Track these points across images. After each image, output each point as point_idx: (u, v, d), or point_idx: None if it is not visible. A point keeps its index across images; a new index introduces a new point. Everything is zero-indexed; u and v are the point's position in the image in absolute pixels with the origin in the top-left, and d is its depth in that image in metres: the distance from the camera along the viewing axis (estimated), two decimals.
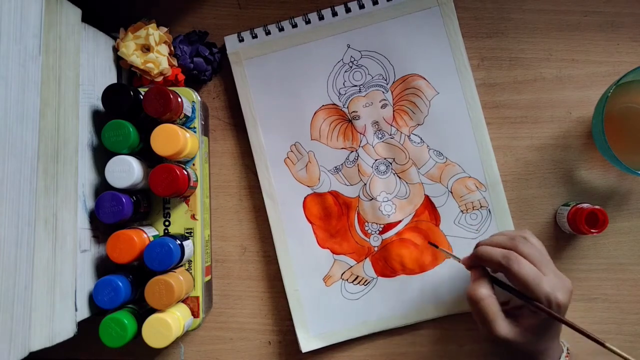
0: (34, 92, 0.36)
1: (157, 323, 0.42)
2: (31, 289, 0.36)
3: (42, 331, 0.37)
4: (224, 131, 0.55)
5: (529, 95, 0.54)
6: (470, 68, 0.53)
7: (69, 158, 0.41)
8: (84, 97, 0.44)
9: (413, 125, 0.53)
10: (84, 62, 0.44)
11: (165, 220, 0.47)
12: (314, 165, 0.53)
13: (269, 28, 0.53)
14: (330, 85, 0.53)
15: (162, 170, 0.44)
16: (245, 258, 0.54)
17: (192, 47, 0.52)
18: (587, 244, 0.53)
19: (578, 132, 0.53)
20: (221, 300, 0.53)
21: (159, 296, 0.43)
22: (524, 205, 0.53)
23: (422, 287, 0.52)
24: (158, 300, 0.43)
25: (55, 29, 0.39)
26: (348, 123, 0.53)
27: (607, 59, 0.54)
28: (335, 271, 0.52)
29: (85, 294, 0.43)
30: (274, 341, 0.53)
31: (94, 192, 0.45)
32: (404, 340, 0.53)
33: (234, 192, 0.54)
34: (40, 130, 0.37)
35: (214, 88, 0.55)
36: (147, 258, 0.43)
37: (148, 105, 0.44)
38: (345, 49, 0.53)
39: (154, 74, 0.49)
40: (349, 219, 0.53)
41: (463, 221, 0.52)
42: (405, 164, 0.53)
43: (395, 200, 0.53)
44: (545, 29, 0.54)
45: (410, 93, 0.53)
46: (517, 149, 0.53)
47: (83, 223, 0.43)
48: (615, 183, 0.53)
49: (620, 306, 0.52)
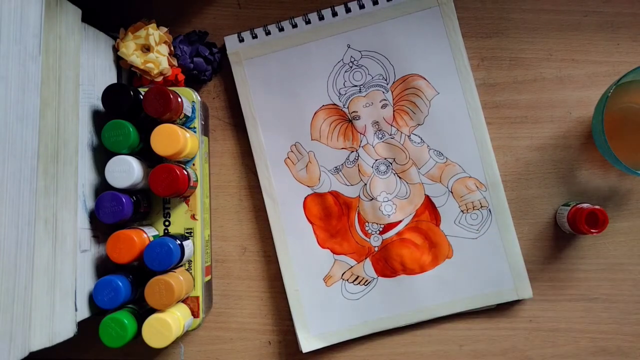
0: (34, 92, 0.36)
1: (157, 323, 0.42)
2: (31, 289, 0.36)
3: (42, 331, 0.37)
4: (224, 131, 0.55)
5: (529, 95, 0.54)
6: (470, 68, 0.53)
7: (69, 158, 0.41)
8: (84, 97, 0.44)
9: (413, 125, 0.53)
10: (84, 62, 0.44)
11: (165, 220, 0.47)
12: (314, 166, 0.53)
13: (269, 28, 0.53)
14: (330, 85, 0.53)
15: (162, 170, 0.44)
16: (245, 258, 0.54)
17: (192, 47, 0.53)
18: (587, 244, 0.53)
19: (578, 132, 0.53)
20: (221, 300, 0.53)
21: (159, 296, 0.43)
22: (524, 205, 0.53)
23: (423, 287, 0.52)
24: (158, 300, 0.43)
25: (55, 29, 0.39)
26: (348, 123, 0.53)
27: (607, 59, 0.54)
28: (336, 271, 0.52)
29: (85, 294, 0.43)
30: (274, 341, 0.53)
31: (94, 192, 0.45)
32: (404, 340, 0.53)
33: (234, 192, 0.54)
34: (40, 130, 0.37)
35: (214, 88, 0.55)
36: (147, 258, 0.43)
37: (148, 105, 0.44)
38: (346, 49, 0.53)
39: (154, 74, 0.49)
40: (349, 219, 0.53)
41: (463, 221, 0.52)
42: (406, 164, 0.53)
43: (395, 200, 0.53)
44: (545, 29, 0.54)
45: (410, 93, 0.53)
46: (517, 149, 0.53)
47: (83, 223, 0.43)
48: (615, 183, 0.53)
49: (620, 306, 0.52)
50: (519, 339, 0.52)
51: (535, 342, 0.52)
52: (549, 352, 0.52)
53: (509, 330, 0.52)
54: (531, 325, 0.52)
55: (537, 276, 0.52)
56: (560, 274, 0.53)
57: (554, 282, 0.53)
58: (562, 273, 0.53)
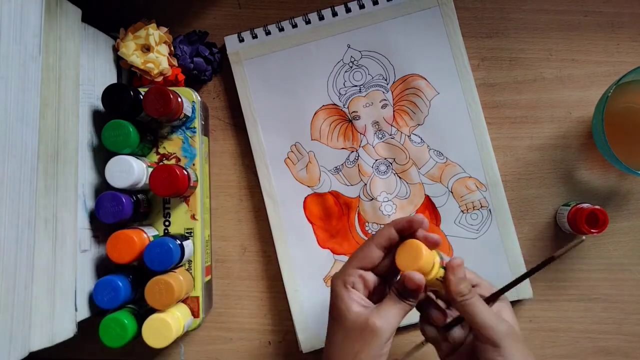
0: (34, 92, 0.36)
1: (157, 323, 0.42)
2: (31, 289, 0.36)
3: (42, 331, 0.37)
4: (224, 131, 0.55)
5: (529, 95, 0.54)
6: (470, 68, 0.53)
7: (69, 158, 0.41)
8: (84, 97, 0.44)
9: (413, 125, 0.53)
10: (84, 62, 0.44)
11: (165, 220, 0.47)
12: (314, 166, 0.53)
13: (269, 28, 0.53)
14: (330, 85, 0.53)
15: (162, 170, 0.44)
16: (245, 258, 0.54)
17: (192, 47, 0.52)
18: (587, 244, 0.53)
19: (578, 132, 0.53)
20: (221, 300, 0.53)
21: (159, 296, 0.43)
22: (524, 205, 0.53)
23: None
24: (158, 300, 0.43)
25: (55, 29, 0.39)
26: (348, 123, 0.53)
27: (607, 59, 0.54)
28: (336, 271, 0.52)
29: (85, 294, 0.43)
30: (274, 341, 0.53)
31: (94, 192, 0.45)
32: (404, 340, 0.53)
33: (234, 192, 0.54)
34: (40, 130, 0.37)
35: (214, 88, 0.55)
36: (147, 258, 0.43)
37: (148, 105, 0.44)
38: (346, 49, 0.53)
39: (154, 74, 0.49)
40: (349, 219, 0.53)
41: (463, 221, 0.52)
42: (406, 164, 0.53)
43: (395, 200, 0.53)
44: (545, 29, 0.54)
45: (410, 93, 0.53)
46: (517, 149, 0.53)
47: (83, 223, 0.43)
48: (615, 183, 0.53)
49: (620, 306, 0.52)
50: None
51: (535, 342, 0.52)
52: (549, 352, 0.52)
53: None
54: (531, 325, 0.52)
55: (537, 276, 0.52)
56: (560, 274, 0.53)
57: (553, 282, 0.53)
58: (562, 273, 0.53)
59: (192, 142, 0.48)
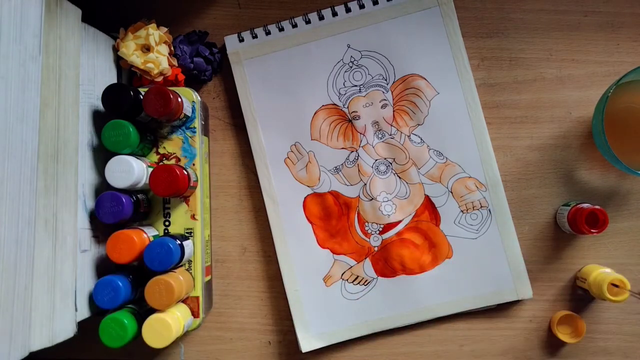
0: (34, 92, 0.36)
1: (157, 323, 0.42)
2: (31, 289, 0.36)
3: (42, 331, 0.37)
4: (224, 131, 0.55)
5: (529, 95, 0.54)
6: (470, 68, 0.53)
7: (69, 158, 0.41)
8: (84, 97, 0.44)
9: (413, 125, 0.53)
10: (84, 62, 0.44)
11: (165, 220, 0.47)
12: (314, 165, 0.53)
13: (269, 28, 0.53)
14: (330, 85, 0.53)
15: (162, 170, 0.44)
16: (245, 258, 0.54)
17: (192, 47, 0.53)
18: (587, 244, 0.53)
19: (578, 132, 0.53)
20: (221, 300, 0.53)
21: (159, 296, 0.43)
22: (524, 205, 0.53)
23: (422, 287, 0.52)
24: (158, 300, 0.43)
25: (55, 29, 0.39)
26: (348, 123, 0.53)
27: (607, 59, 0.54)
28: (336, 271, 0.52)
29: (85, 294, 0.43)
30: (274, 341, 0.53)
31: (94, 192, 0.45)
32: (404, 340, 0.53)
33: (234, 192, 0.54)
34: (40, 130, 0.37)
35: (214, 88, 0.55)
36: (147, 258, 0.43)
37: (148, 105, 0.44)
38: (346, 49, 0.53)
39: (154, 74, 0.49)
40: (349, 219, 0.53)
41: (463, 221, 0.52)
42: (406, 164, 0.53)
43: (395, 200, 0.53)
44: (545, 29, 0.54)
45: (410, 93, 0.53)
46: (517, 149, 0.53)
47: (83, 223, 0.43)
48: (615, 183, 0.53)
49: (620, 306, 0.52)
50: (519, 339, 0.52)
51: (535, 342, 0.52)
52: (549, 352, 0.52)
53: (509, 330, 0.52)
54: (531, 325, 0.52)
55: (537, 276, 0.52)
56: (560, 274, 0.53)
57: (553, 282, 0.53)
58: (562, 273, 0.53)
59: (192, 142, 0.48)
